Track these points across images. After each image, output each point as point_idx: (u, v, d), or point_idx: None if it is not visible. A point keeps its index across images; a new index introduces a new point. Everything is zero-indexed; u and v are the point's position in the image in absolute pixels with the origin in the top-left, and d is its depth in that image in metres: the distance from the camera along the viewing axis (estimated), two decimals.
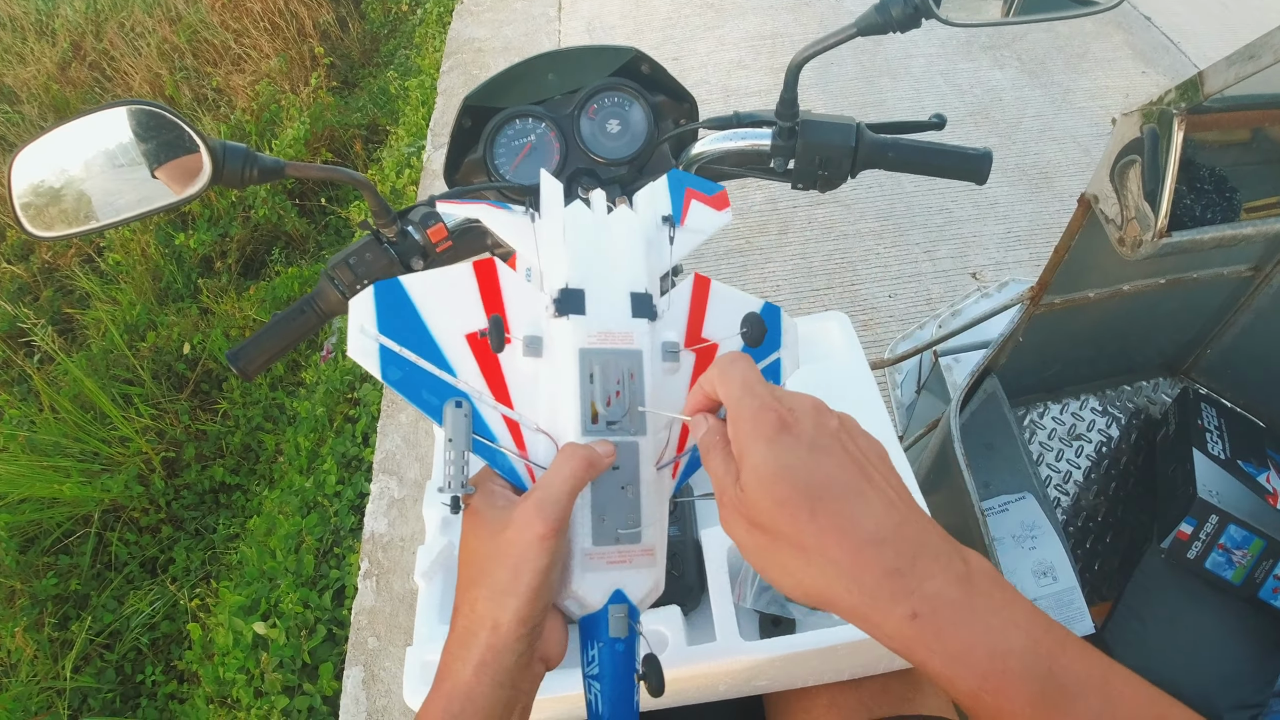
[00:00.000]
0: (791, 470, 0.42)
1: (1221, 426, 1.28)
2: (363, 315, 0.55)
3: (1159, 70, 3.12)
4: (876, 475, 0.43)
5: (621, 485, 0.56)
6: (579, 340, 0.57)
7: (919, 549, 0.40)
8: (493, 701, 0.50)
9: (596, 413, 0.56)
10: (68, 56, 4.57)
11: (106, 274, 3.16)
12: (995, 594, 0.39)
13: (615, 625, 0.53)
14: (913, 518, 0.41)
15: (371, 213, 0.80)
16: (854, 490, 0.41)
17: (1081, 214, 1.01)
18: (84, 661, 2.08)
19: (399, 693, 1.78)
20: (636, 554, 0.55)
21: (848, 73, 3.22)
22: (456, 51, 3.75)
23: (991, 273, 2.44)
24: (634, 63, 0.93)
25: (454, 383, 0.56)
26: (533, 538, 0.50)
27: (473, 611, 0.51)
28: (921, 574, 0.39)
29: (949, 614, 0.38)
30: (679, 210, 0.67)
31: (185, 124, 0.69)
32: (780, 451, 0.42)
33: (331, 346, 2.69)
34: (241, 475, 2.51)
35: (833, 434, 0.44)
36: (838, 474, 0.42)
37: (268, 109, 3.70)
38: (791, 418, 0.44)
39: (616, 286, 0.59)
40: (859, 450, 0.44)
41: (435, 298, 0.57)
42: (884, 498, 0.42)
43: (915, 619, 0.38)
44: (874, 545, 0.40)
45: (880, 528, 0.40)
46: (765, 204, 2.72)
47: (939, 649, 0.38)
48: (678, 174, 0.69)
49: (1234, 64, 0.79)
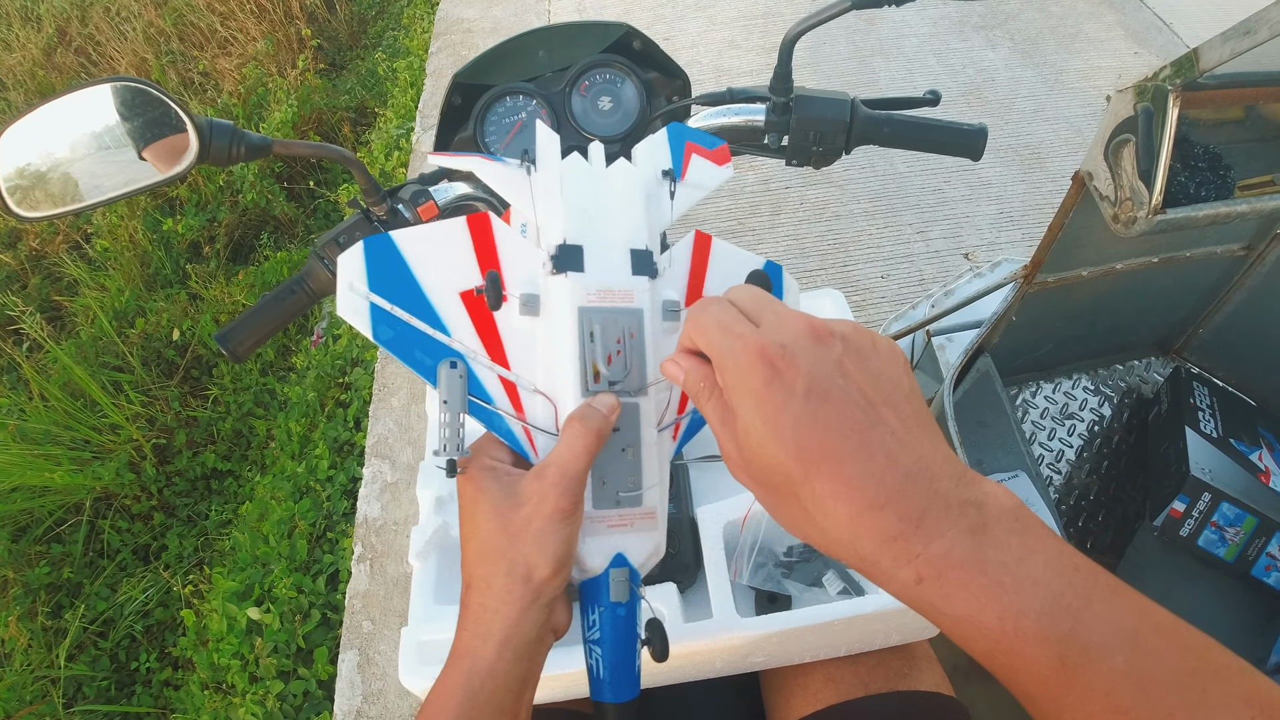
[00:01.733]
0: (783, 431, 0.38)
1: (1213, 405, 1.29)
2: (352, 272, 0.53)
3: (1152, 51, 3.11)
4: (885, 412, 0.38)
5: (622, 447, 0.55)
6: (577, 298, 0.55)
7: (927, 504, 0.36)
8: (513, 678, 0.49)
9: (598, 372, 0.54)
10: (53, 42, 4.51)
11: (95, 260, 3.13)
12: (1012, 544, 0.35)
13: (616, 589, 0.53)
14: (921, 467, 0.37)
15: (361, 191, 0.79)
16: (854, 445, 0.37)
17: (1076, 191, 1.00)
18: (78, 650, 2.08)
19: (394, 675, 1.79)
20: (637, 517, 0.55)
21: (840, 52, 3.20)
22: (445, 32, 3.71)
23: (984, 253, 2.44)
24: (626, 39, 0.92)
25: (448, 342, 0.54)
26: (553, 511, 0.49)
27: (489, 588, 0.50)
28: (928, 534, 0.35)
29: (956, 576, 0.35)
30: (679, 164, 0.65)
31: (171, 100, 0.68)
32: (771, 409, 0.38)
33: (322, 331, 2.68)
34: (233, 461, 2.50)
35: (833, 368, 0.39)
36: (836, 425, 0.37)
37: (255, 92, 3.66)
38: (784, 358, 0.39)
39: (616, 242, 0.58)
40: (866, 380, 0.39)
41: (428, 254, 0.55)
42: (887, 448, 0.37)
43: (920, 583, 0.35)
44: (874, 510, 0.36)
45: (881, 489, 0.36)
46: (758, 185, 2.71)
47: (947, 612, 0.35)
48: (678, 127, 0.67)
49: (1229, 39, 0.78)
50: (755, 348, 0.40)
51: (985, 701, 1.08)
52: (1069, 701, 0.33)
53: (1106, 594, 0.34)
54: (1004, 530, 0.35)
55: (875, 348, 0.41)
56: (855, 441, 0.37)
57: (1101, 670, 0.32)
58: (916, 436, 0.38)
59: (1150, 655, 0.32)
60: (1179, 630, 0.33)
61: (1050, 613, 0.33)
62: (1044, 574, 0.34)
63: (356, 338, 2.53)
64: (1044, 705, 0.34)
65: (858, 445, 0.37)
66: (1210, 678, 0.32)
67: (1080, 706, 0.33)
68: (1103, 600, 0.33)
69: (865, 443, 0.37)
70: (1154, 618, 0.33)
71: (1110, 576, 0.35)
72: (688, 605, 0.73)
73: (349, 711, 1.74)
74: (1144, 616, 0.33)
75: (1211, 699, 0.31)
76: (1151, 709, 0.31)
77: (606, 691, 0.53)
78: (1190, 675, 0.32)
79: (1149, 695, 0.31)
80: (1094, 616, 0.33)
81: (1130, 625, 0.33)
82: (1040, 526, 0.36)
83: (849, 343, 0.40)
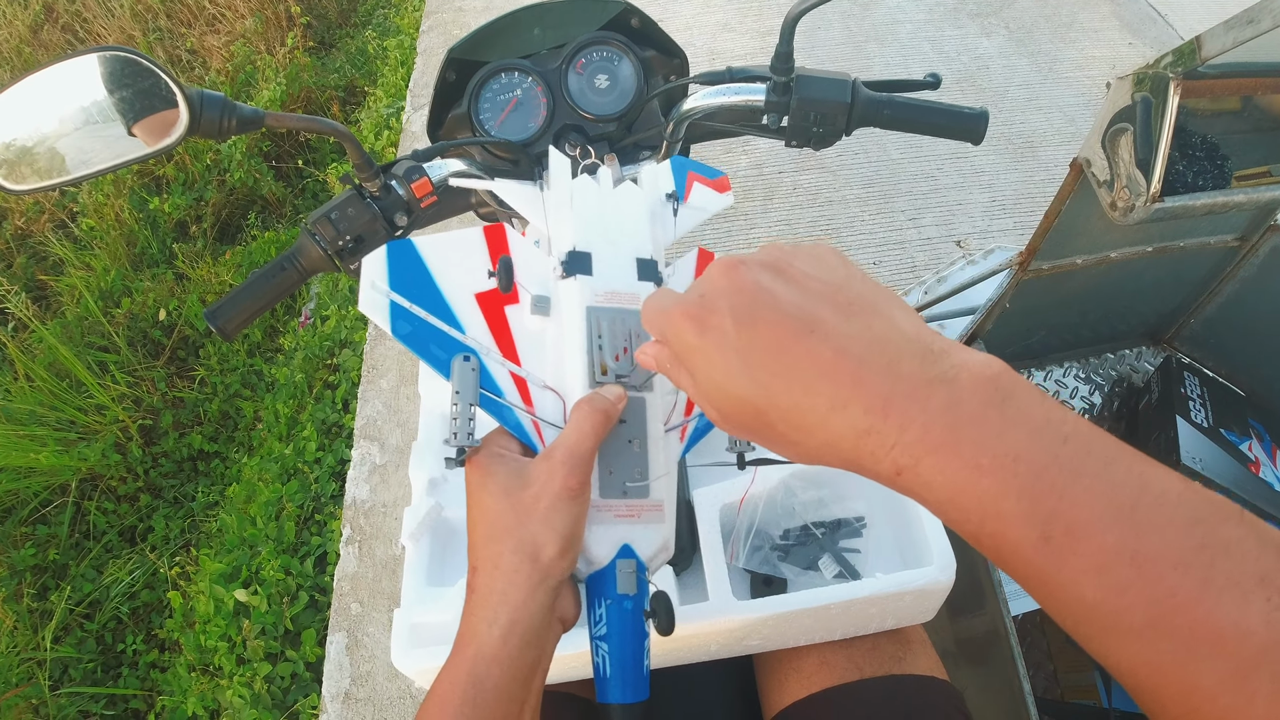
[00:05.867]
0: (731, 370, 0.37)
1: (1204, 395, 1.29)
2: (374, 272, 0.57)
3: (1145, 41, 3.11)
4: (820, 310, 0.36)
5: (629, 439, 0.56)
6: (586, 299, 0.58)
7: (890, 390, 0.33)
8: (520, 664, 0.49)
9: (605, 367, 0.57)
10: (40, 19, 4.44)
11: (80, 240, 3.08)
12: (990, 419, 0.32)
13: (623, 581, 0.53)
14: (876, 351, 0.35)
15: (354, 166, 0.78)
16: (798, 353, 0.35)
17: (1073, 179, 1.00)
18: (64, 632, 2.06)
19: (383, 657, 1.78)
20: (645, 508, 0.55)
21: (835, 37, 3.18)
22: (436, 10, 3.67)
23: (976, 241, 2.44)
24: (623, 16, 0.91)
25: (463, 339, 0.57)
26: (561, 489, 0.49)
27: (496, 568, 0.49)
28: (898, 422, 0.33)
29: (932, 462, 0.32)
30: (682, 189, 0.70)
31: (160, 70, 0.66)
32: (713, 356, 0.38)
33: (310, 312, 2.65)
34: (220, 443, 2.48)
35: (753, 292, 0.37)
36: (774, 342, 0.36)
37: (243, 70, 3.61)
38: (704, 307, 0.38)
39: (623, 251, 0.62)
40: (792, 288, 0.38)
41: (446, 258, 0.59)
42: (833, 344, 0.35)
43: (900, 475, 0.34)
44: (838, 410, 0.34)
45: (839, 387, 0.34)
46: (751, 169, 2.70)
47: (930, 498, 0.33)
48: (681, 160, 0.73)
49: (1232, 28, 0.78)
50: (679, 311, 0.40)
51: (977, 685, 1.09)
52: (1060, 581, 0.31)
53: (1100, 465, 0.31)
54: (980, 404, 0.33)
55: (796, 253, 0.40)
56: (797, 350, 0.36)
57: (1091, 549, 0.30)
58: (864, 321, 0.36)
59: (1149, 530, 0.29)
60: (1187, 501, 0.30)
61: (1032, 492, 0.31)
62: (1026, 449, 0.31)
63: (345, 319, 2.51)
64: (1037, 586, 0.32)
65: (802, 353, 0.35)
66: (1219, 553, 0.28)
67: (1073, 586, 0.30)
68: (1095, 473, 0.30)
69: (808, 349, 0.35)
70: (1156, 488, 0.30)
71: (1108, 444, 0.32)
72: (684, 588, 0.73)
73: (337, 693, 1.74)
74: (1144, 488, 0.30)
75: (1219, 577, 0.28)
76: (1149, 589, 0.29)
77: (613, 691, 0.52)
78: (1196, 551, 0.29)
79: (1146, 574, 0.29)
80: (1082, 492, 0.30)
81: (1125, 499, 0.30)
82: (1026, 392, 0.33)
83: (766, 262, 0.39)
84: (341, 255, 0.79)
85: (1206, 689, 0.28)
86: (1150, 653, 0.29)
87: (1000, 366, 0.34)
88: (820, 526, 0.76)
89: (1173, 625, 0.28)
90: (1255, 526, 0.29)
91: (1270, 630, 0.27)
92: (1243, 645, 0.27)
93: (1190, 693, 0.28)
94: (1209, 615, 0.28)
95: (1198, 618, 0.28)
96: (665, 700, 0.81)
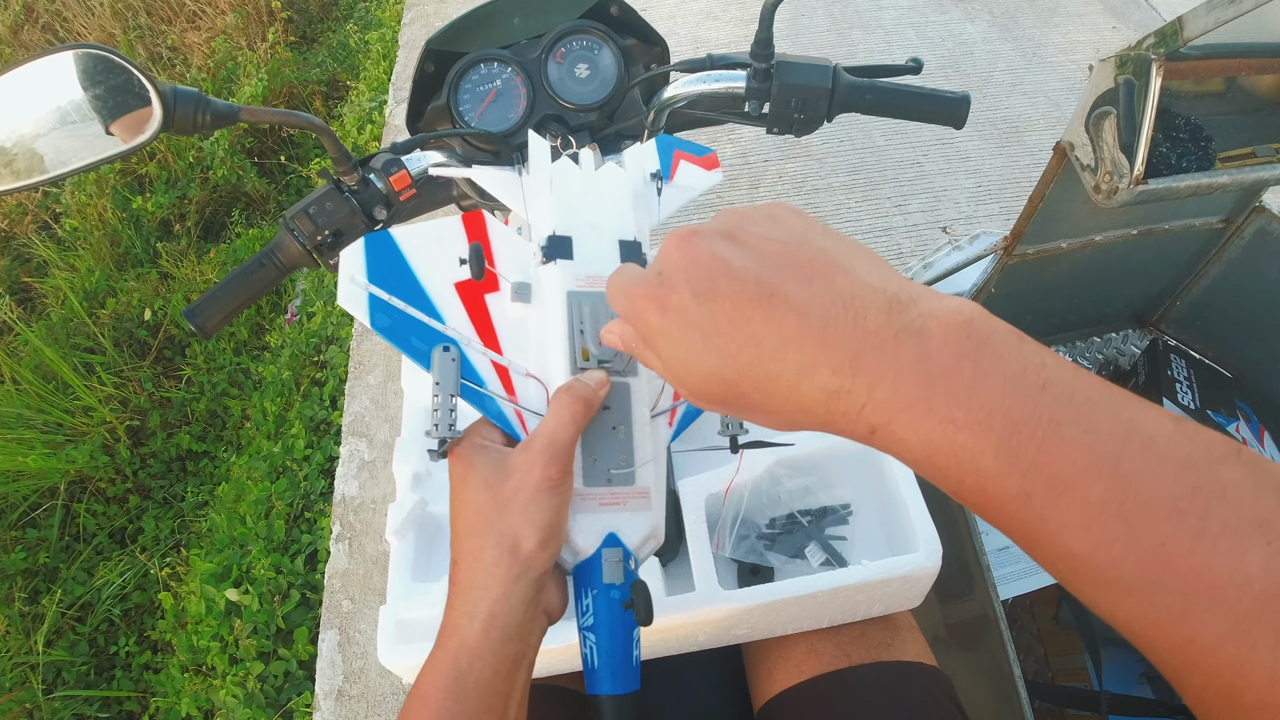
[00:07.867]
0: (695, 346, 0.36)
1: (1191, 377, 1.30)
2: (353, 265, 0.56)
3: (1129, 25, 3.11)
4: (778, 274, 0.35)
5: (613, 425, 0.56)
6: (567, 284, 0.57)
7: (857, 347, 0.32)
8: (501, 658, 0.48)
9: (587, 353, 0.56)
10: (20, 19, 4.39)
11: (64, 240, 3.06)
12: (964, 369, 0.30)
13: (609, 570, 0.52)
14: (839, 308, 0.33)
15: (331, 160, 0.77)
16: (759, 321, 0.34)
17: (1057, 162, 1.00)
18: (56, 635, 2.05)
19: (375, 654, 1.78)
20: (630, 496, 0.55)
21: (819, 24, 3.18)
22: (418, 3, 3.64)
23: (962, 226, 2.44)
24: (602, 4, 0.90)
25: (443, 329, 0.56)
26: (541, 480, 0.49)
27: (476, 561, 0.49)
28: (867, 381, 0.32)
29: (905, 419, 0.31)
30: (668, 169, 0.69)
31: (133, 67, 0.66)
32: (677, 334, 0.37)
33: (295, 309, 2.64)
34: (208, 442, 2.46)
35: (709, 264, 0.36)
36: (736, 312, 0.35)
37: (224, 66, 3.58)
38: (662, 284, 0.37)
39: (605, 233, 0.61)
40: (747, 253, 0.36)
41: (424, 248, 0.58)
42: (793, 306, 0.34)
43: (874, 434, 0.32)
44: (807, 373, 0.33)
45: (804, 349, 0.33)
46: (736, 158, 2.69)
47: (906, 455, 0.32)
48: (667, 138, 0.72)
49: (1214, 9, 0.77)
50: (640, 292, 0.39)
51: (967, 670, 1.09)
52: (1046, 536, 0.29)
53: (1082, 413, 0.29)
54: (953, 355, 0.31)
55: (751, 216, 0.39)
56: (759, 318, 0.34)
57: (1075, 502, 0.28)
58: (826, 278, 0.35)
59: (1136, 478, 0.27)
60: (1178, 445, 0.28)
61: (1010, 447, 0.29)
62: (1002, 400, 0.30)
63: (331, 315, 2.50)
64: (1023, 540, 0.31)
65: (764, 320, 0.34)
66: (1214, 498, 0.27)
67: (1059, 541, 0.29)
68: (1076, 421, 0.29)
69: (769, 315, 0.34)
70: (1145, 432, 0.28)
71: (1092, 386, 0.30)
72: (670, 579, 0.73)
73: (330, 691, 1.74)
74: (1131, 433, 0.28)
75: (1213, 524, 0.26)
76: (1139, 540, 0.27)
77: (602, 683, 0.52)
78: (1189, 497, 0.27)
79: (1135, 525, 0.27)
80: (1063, 443, 0.29)
81: (1110, 447, 0.28)
82: (1003, 337, 0.31)
83: (720, 230, 0.38)
84: (321, 250, 0.78)
85: (1205, 641, 0.26)
86: (1145, 606, 0.28)
87: (973, 311, 0.32)
88: (806, 514, 0.76)
89: (1167, 577, 0.27)
90: (1255, 465, 0.27)
91: (1270, 577, 0.25)
92: (1241, 595, 0.26)
93: (1188, 645, 0.27)
94: (1204, 565, 0.26)
95: (1192, 568, 0.26)
96: (654, 691, 0.81)
